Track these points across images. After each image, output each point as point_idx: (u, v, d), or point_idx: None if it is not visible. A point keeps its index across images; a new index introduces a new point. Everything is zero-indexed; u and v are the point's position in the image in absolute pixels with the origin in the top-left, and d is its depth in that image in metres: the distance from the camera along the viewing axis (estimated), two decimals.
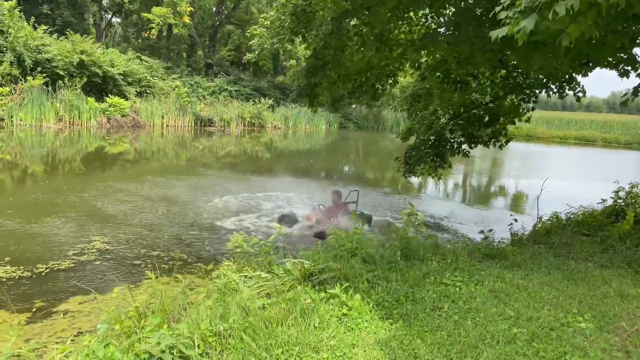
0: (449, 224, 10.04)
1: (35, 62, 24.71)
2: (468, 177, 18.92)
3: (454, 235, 8.96)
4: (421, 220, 5.44)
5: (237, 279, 3.65)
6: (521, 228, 7.16)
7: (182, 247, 6.90)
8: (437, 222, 10.10)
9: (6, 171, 13.37)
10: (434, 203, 12.38)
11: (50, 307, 4.92)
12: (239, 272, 3.90)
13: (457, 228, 9.69)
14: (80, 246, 6.60)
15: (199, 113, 31.64)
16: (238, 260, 4.20)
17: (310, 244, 7.32)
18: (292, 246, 7.09)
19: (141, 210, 9.18)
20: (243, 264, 4.11)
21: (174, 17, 33.32)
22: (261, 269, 3.96)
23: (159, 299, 3.17)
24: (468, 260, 5.05)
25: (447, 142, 10.12)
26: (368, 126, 44.97)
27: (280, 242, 4.81)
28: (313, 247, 4.54)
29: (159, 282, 4.69)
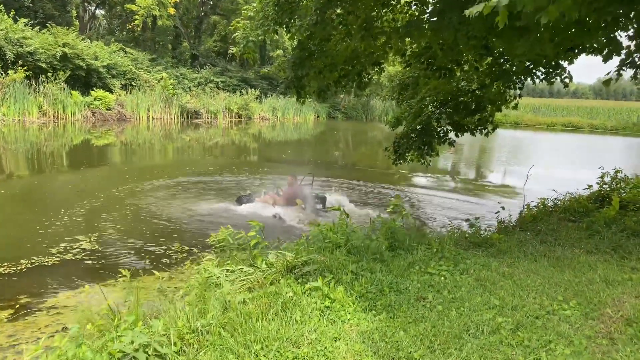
0: (436, 213, 10.03)
1: (16, 56, 24.23)
2: (456, 165, 18.96)
3: (440, 223, 8.96)
4: (407, 211, 5.38)
5: (219, 274, 3.57)
6: (508, 215, 7.15)
7: (168, 241, 6.78)
8: (424, 211, 10.08)
9: None
10: (422, 192, 12.37)
11: (35, 303, 4.81)
12: (221, 266, 3.82)
13: (445, 216, 9.69)
14: (64, 244, 6.45)
15: (185, 105, 31.32)
16: (221, 254, 4.11)
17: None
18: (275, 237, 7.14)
19: (126, 205, 9.04)
20: (226, 257, 4.03)
21: (158, 8, 32.84)
22: (244, 262, 3.88)
23: (134, 297, 3.08)
24: (454, 249, 5.01)
25: (434, 131, 10.08)
26: (356, 116, 44.88)
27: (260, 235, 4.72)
28: (297, 240, 4.47)
29: (139, 280, 4.61)
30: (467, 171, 17.97)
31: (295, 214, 9.09)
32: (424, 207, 10.53)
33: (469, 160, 21.00)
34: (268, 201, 9.60)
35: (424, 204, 10.92)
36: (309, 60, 7.77)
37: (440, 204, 11.08)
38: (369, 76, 9.11)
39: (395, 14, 8.63)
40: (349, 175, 14.59)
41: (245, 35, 7.41)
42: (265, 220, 8.58)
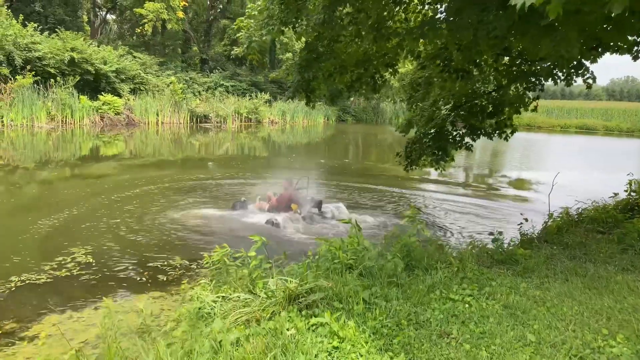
0: (451, 221, 9.49)
1: (25, 61, 24.12)
2: (469, 169, 18.37)
3: (457, 234, 8.44)
4: (423, 224, 4.92)
5: (212, 303, 3.16)
6: (530, 226, 6.65)
7: (165, 253, 6.36)
8: (438, 220, 9.58)
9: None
10: (434, 197, 11.83)
11: (19, 330, 4.41)
12: (216, 291, 3.41)
13: (460, 226, 9.16)
14: (60, 258, 6.08)
15: (195, 109, 31.07)
16: (217, 276, 3.70)
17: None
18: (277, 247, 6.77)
19: (127, 212, 8.67)
20: (222, 281, 3.62)
21: (167, 12, 32.67)
22: (242, 287, 3.47)
23: (110, 337, 2.68)
24: (476, 268, 4.54)
25: (448, 135, 9.62)
26: (366, 119, 44.44)
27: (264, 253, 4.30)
28: (302, 260, 4.05)
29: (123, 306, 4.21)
30: (480, 175, 17.35)
31: (291, 219, 8.76)
32: (438, 215, 10.03)
33: (482, 164, 20.35)
34: (263, 207, 9.41)
35: (437, 211, 10.42)
36: (317, 63, 7.34)
37: (454, 210, 10.57)
38: (382, 79, 8.67)
39: (408, 14, 8.20)
40: (357, 179, 14.14)
41: (248, 35, 7.01)
42: (259, 228, 8.34)
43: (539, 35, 5.14)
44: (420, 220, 5.01)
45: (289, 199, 9.31)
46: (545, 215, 7.73)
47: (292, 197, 9.35)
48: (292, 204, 9.24)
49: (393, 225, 9.10)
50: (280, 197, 9.38)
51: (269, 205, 9.37)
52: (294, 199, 9.33)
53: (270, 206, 9.35)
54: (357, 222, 9.46)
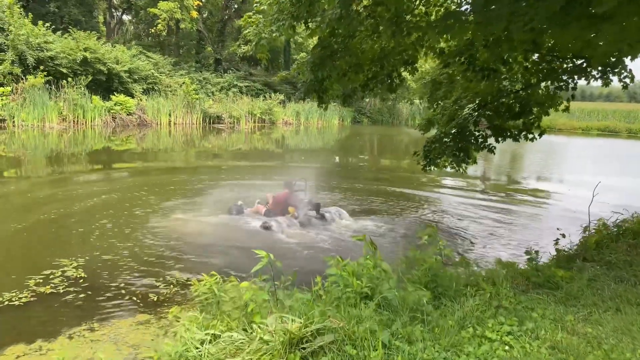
0: (474, 235, 8.72)
1: (37, 60, 23.94)
2: (490, 174, 17.54)
3: (482, 249, 7.74)
4: (444, 243, 4.31)
5: (199, 345, 2.61)
6: (568, 243, 5.99)
7: (159, 267, 5.79)
8: (459, 232, 8.88)
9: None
10: (453, 206, 11.07)
11: None
12: (206, 327, 2.86)
13: (484, 238, 8.43)
14: (48, 271, 5.57)
15: (208, 110, 30.68)
16: (207, 307, 3.15)
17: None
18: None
19: (124, 218, 8.16)
20: (213, 314, 3.07)
21: (180, 11, 32.37)
22: (236, 322, 2.91)
23: None
24: (512, 295, 3.92)
25: (471, 136, 8.96)
26: (382, 120, 43.69)
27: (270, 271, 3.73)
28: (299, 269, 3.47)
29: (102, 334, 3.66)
30: (501, 180, 16.51)
31: (287, 224, 8.28)
32: (458, 225, 9.32)
33: (502, 167, 19.40)
34: (260, 210, 8.97)
35: (456, 220, 9.71)
36: (331, 61, 6.75)
37: (475, 218, 9.87)
38: (399, 77, 8.05)
39: (429, 7, 7.57)
40: (370, 182, 13.53)
41: (257, 32, 6.45)
42: (254, 234, 7.87)
43: (589, 26, 4.47)
44: (440, 238, 4.40)
45: (286, 201, 8.87)
46: (579, 226, 7.08)
47: (289, 200, 8.90)
48: (290, 207, 8.81)
49: (402, 234, 8.46)
50: (276, 198, 8.95)
51: (265, 209, 8.95)
52: (290, 202, 8.90)
53: (267, 209, 8.93)
54: (356, 225, 9.02)
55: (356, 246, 7.54)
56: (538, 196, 13.06)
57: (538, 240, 8.18)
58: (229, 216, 8.76)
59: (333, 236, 8.01)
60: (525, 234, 8.90)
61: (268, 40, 6.26)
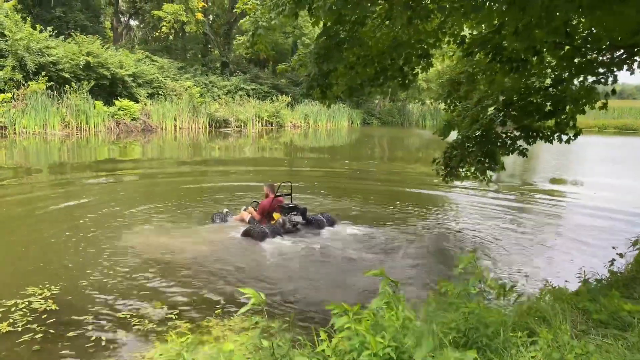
0: (503, 252, 7.55)
1: (39, 66, 23.39)
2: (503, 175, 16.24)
3: (514, 266, 6.75)
4: (487, 276, 3.43)
5: None
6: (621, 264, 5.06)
7: (135, 305, 4.84)
8: (485, 245, 7.88)
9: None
10: (473, 214, 9.98)
11: None
12: None
13: (515, 255, 7.36)
14: (12, 301, 4.74)
15: (214, 114, 29.98)
16: None
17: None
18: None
19: (107, 234, 7.30)
20: None
21: (185, 14, 31.78)
22: None
23: None
24: (575, 342, 3.02)
25: (497, 138, 8.05)
26: (392, 121, 42.81)
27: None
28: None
29: None
30: (517, 181, 15.31)
31: (270, 231, 7.50)
32: (482, 235, 8.35)
33: (515, 168, 17.98)
34: (245, 218, 8.30)
35: (479, 228, 8.71)
36: (338, 51, 5.89)
37: (501, 226, 8.90)
38: (413, 72, 7.17)
39: None
40: (378, 185, 12.65)
41: (254, 20, 5.62)
42: (234, 244, 7.12)
43: None
44: (480, 266, 3.51)
45: (271, 207, 8.17)
46: (624, 239, 6.17)
47: (273, 205, 8.18)
48: (275, 213, 8.08)
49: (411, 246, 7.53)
50: (261, 206, 8.28)
51: (250, 216, 8.28)
52: (275, 208, 8.19)
53: (252, 217, 8.26)
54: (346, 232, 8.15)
55: (346, 256, 6.74)
56: (562, 200, 12.05)
57: (577, 256, 7.25)
58: (211, 226, 8.10)
59: (322, 246, 7.22)
60: (560, 246, 7.94)
61: (266, 30, 5.41)
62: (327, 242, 7.40)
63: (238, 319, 4.31)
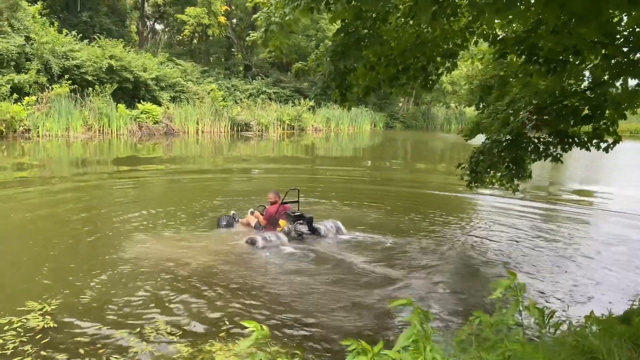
0: (538, 268, 6.95)
1: (63, 69, 23.57)
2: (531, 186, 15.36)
3: (552, 289, 6.15)
4: (530, 305, 2.94)
5: None
6: None
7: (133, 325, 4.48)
8: (517, 265, 7.27)
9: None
10: (501, 227, 9.36)
11: None
12: None
13: (553, 274, 6.73)
14: (7, 318, 4.40)
15: (235, 117, 29.83)
16: None
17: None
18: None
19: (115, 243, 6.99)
20: None
21: (208, 17, 31.77)
22: None
23: None
24: None
25: (529, 143, 7.48)
26: (416, 125, 42.11)
27: None
28: None
29: None
30: (547, 189, 14.47)
31: (275, 239, 7.23)
32: (516, 255, 7.72)
33: (542, 175, 17.03)
34: (251, 222, 8.13)
35: (512, 247, 8.07)
36: (357, 50, 5.46)
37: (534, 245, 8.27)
38: (437, 72, 6.68)
39: None
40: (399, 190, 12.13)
41: (267, 15, 5.24)
42: (237, 252, 6.84)
43: None
44: (520, 291, 3.02)
45: (278, 214, 7.91)
46: None
47: (279, 212, 7.92)
48: (280, 220, 7.82)
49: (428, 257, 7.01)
50: (266, 212, 8.03)
51: (256, 222, 8.11)
52: (281, 215, 7.93)
53: (257, 223, 8.08)
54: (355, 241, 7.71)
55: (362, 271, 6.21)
56: (593, 208, 11.35)
57: (616, 271, 6.65)
58: (218, 233, 7.82)
59: (334, 259, 6.78)
60: (595, 258, 7.32)
61: (279, 26, 5.02)
62: (340, 255, 6.94)
63: (243, 343, 3.91)
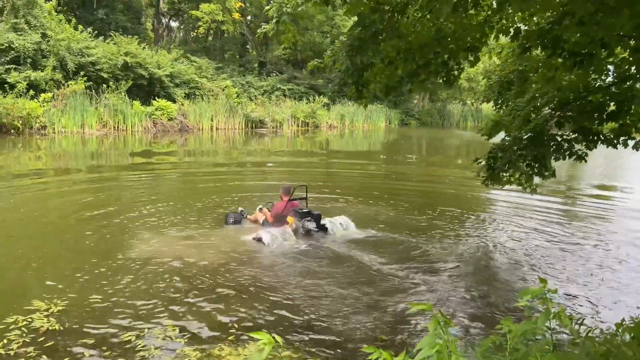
0: (562, 269, 6.61)
1: (78, 66, 23.68)
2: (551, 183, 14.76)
3: (578, 292, 5.89)
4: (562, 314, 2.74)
5: None
6: None
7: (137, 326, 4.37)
8: (540, 266, 7.00)
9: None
10: (522, 226, 9.05)
11: None
12: None
13: (578, 275, 6.46)
14: (13, 318, 4.28)
15: (250, 114, 29.76)
16: None
17: None
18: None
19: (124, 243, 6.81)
20: None
21: (222, 13, 31.71)
22: None
23: None
24: None
25: (551, 140, 7.22)
26: (431, 122, 41.63)
27: None
28: None
29: None
30: (570, 188, 14.05)
31: (282, 236, 7.15)
32: (538, 255, 7.45)
33: (564, 173, 16.59)
34: (259, 219, 8.08)
35: (534, 246, 7.81)
36: (375, 44, 5.27)
37: (557, 245, 8.00)
38: (459, 67, 6.46)
39: None
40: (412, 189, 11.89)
41: (278, 6, 5.07)
42: (244, 248, 6.74)
43: None
44: (549, 298, 2.82)
45: (285, 210, 7.86)
46: None
47: (287, 209, 7.86)
48: (288, 217, 7.75)
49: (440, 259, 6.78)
50: (274, 208, 8.01)
51: (264, 218, 8.08)
52: (288, 212, 7.85)
53: (265, 219, 8.06)
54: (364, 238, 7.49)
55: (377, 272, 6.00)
56: (614, 207, 11.00)
57: None
58: (226, 231, 7.75)
59: (347, 258, 6.60)
60: (622, 259, 7.04)
61: (291, 17, 4.85)
62: (354, 254, 6.77)
63: (254, 348, 3.77)
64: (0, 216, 8.26)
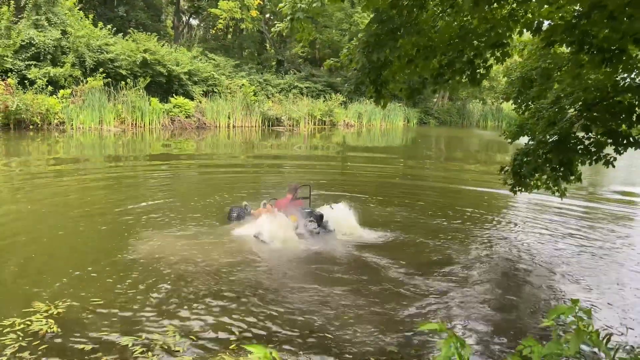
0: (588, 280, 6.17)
1: (97, 62, 23.83)
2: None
3: (605, 305, 5.56)
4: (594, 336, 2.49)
5: None
6: None
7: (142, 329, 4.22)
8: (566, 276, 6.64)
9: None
10: (545, 230, 8.55)
11: None
12: None
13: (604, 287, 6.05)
14: (10, 320, 4.10)
15: (267, 112, 29.68)
16: None
17: None
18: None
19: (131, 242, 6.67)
20: None
21: (240, 11, 31.67)
22: None
23: None
24: None
25: (577, 144, 6.91)
26: (451, 121, 41.09)
27: None
28: None
29: None
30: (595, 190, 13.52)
31: (283, 234, 7.02)
32: (564, 264, 7.04)
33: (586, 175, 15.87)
34: (261, 214, 7.88)
35: (558, 254, 7.44)
36: (393, 40, 5.03)
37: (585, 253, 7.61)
38: (485, 64, 6.17)
39: None
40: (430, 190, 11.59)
41: (293, 3, 4.87)
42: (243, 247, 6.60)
43: None
44: (583, 318, 2.57)
45: (288, 208, 7.76)
46: None
47: (290, 207, 7.76)
48: (291, 215, 7.59)
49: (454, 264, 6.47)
50: (277, 205, 7.89)
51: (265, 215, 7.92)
52: (291, 210, 7.73)
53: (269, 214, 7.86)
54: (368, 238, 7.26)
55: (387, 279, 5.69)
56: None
57: None
58: (232, 229, 7.58)
59: (354, 263, 6.38)
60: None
61: (305, 12, 4.65)
62: (364, 258, 6.51)
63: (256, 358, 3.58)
64: (7, 211, 8.23)
